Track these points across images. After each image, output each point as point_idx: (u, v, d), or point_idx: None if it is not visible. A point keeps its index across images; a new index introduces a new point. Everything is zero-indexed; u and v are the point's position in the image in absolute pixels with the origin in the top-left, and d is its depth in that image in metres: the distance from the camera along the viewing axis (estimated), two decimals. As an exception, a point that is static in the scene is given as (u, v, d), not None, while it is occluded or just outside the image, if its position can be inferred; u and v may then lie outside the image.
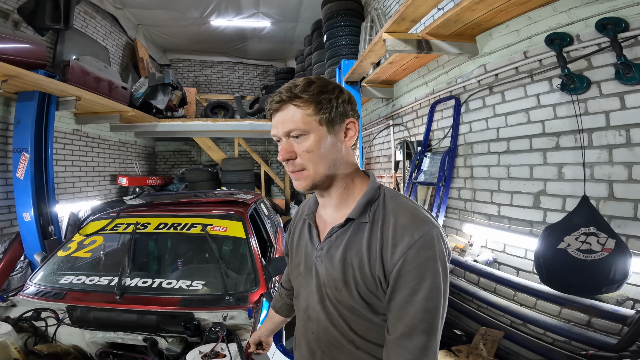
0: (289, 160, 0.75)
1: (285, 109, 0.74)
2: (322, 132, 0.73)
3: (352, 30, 4.47)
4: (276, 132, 0.76)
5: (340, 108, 0.75)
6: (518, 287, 2.01)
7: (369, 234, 0.72)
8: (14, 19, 3.42)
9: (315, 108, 0.73)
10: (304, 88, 0.73)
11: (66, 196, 4.20)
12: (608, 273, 1.47)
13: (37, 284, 1.88)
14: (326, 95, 0.73)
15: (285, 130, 0.74)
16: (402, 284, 0.66)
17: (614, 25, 1.56)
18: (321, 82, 0.75)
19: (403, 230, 0.68)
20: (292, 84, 0.74)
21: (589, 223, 1.53)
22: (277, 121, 0.75)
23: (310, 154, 0.73)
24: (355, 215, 0.75)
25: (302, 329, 0.86)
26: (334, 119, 0.74)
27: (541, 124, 1.96)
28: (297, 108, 0.73)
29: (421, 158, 2.98)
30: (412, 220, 0.69)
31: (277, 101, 0.74)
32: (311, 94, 0.72)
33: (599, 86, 1.68)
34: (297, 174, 0.76)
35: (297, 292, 0.89)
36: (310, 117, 0.72)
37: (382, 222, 0.72)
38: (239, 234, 2.14)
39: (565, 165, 1.84)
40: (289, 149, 0.74)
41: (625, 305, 1.56)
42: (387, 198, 0.76)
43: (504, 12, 2.09)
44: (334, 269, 0.75)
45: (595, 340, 1.59)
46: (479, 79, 2.42)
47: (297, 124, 0.72)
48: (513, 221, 2.16)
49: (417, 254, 0.65)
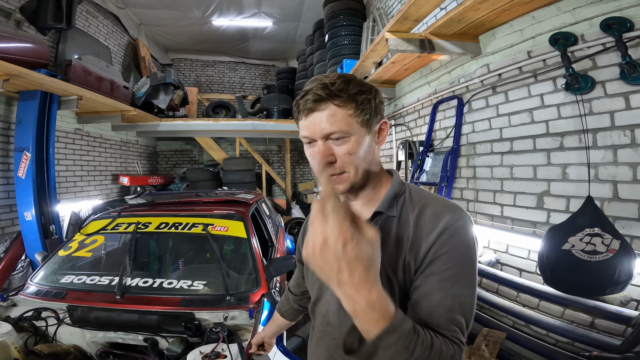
0: (329, 164, 0.69)
1: (324, 108, 0.67)
2: (362, 134, 0.69)
3: (353, 30, 4.46)
4: (311, 133, 0.69)
5: (377, 108, 0.72)
6: (521, 288, 2.00)
7: (398, 228, 0.70)
8: (16, 18, 3.43)
9: (357, 108, 0.68)
10: (344, 86, 0.67)
11: (67, 195, 4.20)
12: (613, 274, 1.46)
13: (38, 283, 1.88)
14: (365, 95, 0.69)
15: (325, 132, 0.67)
16: (433, 269, 0.63)
17: (619, 25, 1.55)
18: (357, 81, 0.71)
19: (436, 217, 0.66)
20: (326, 81, 0.68)
21: (594, 224, 1.52)
22: (314, 121, 0.68)
23: (352, 157, 0.68)
24: (384, 209, 0.72)
25: (320, 334, 0.82)
26: (372, 119, 0.71)
27: (545, 124, 1.95)
28: (338, 108, 0.67)
29: (423, 158, 2.97)
30: (445, 208, 0.68)
31: (315, 99, 0.67)
32: (351, 93, 0.67)
33: (604, 86, 1.66)
34: (336, 177, 0.70)
35: (317, 296, 0.84)
36: (351, 118, 0.67)
37: (412, 212, 0.70)
38: (240, 233, 2.14)
39: (569, 166, 1.82)
40: (328, 151, 0.68)
41: (629, 307, 1.56)
42: (413, 192, 0.75)
43: (507, 12, 2.07)
44: None
45: (598, 342, 1.58)
46: (482, 78, 2.41)
47: (340, 125, 0.67)
48: (516, 222, 2.14)
49: (451, 238, 0.64)
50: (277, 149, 8.23)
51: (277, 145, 8.17)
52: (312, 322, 0.87)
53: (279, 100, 6.17)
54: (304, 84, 0.71)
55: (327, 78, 0.68)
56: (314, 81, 0.69)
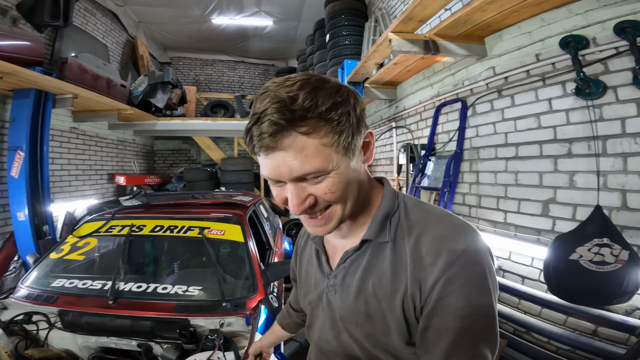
0: (310, 207, 0.55)
1: (288, 143, 0.49)
2: (344, 163, 0.54)
3: (355, 30, 4.41)
4: (277, 175, 0.53)
5: (360, 121, 0.55)
6: (523, 296, 1.97)
7: (393, 256, 0.58)
8: (12, 15, 3.36)
9: (333, 132, 0.50)
10: (309, 101, 0.48)
11: (62, 195, 4.14)
12: (620, 284, 1.43)
13: (29, 286, 1.83)
14: (342, 109, 0.51)
15: (295, 174, 0.51)
16: (443, 308, 0.51)
17: (633, 28, 1.50)
18: (329, 87, 0.51)
19: (440, 242, 0.53)
20: (283, 95, 0.48)
21: (602, 234, 1.48)
22: (279, 162, 0.51)
23: (335, 194, 0.54)
24: (372, 236, 0.60)
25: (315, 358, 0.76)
26: (355, 139, 0.54)
27: (552, 129, 1.90)
28: (307, 137, 0.49)
29: (425, 162, 2.92)
30: (451, 229, 0.55)
31: (272, 133, 0.48)
32: (322, 111, 0.49)
33: (616, 91, 1.62)
34: (322, 217, 0.57)
35: (309, 322, 0.77)
36: (327, 147, 0.50)
37: (408, 237, 0.57)
38: (238, 237, 2.09)
39: (577, 173, 1.77)
40: (303, 195, 0.54)
41: (633, 316, 1.53)
42: (410, 207, 0.61)
43: (516, 14, 2.03)
44: (353, 300, 0.62)
45: (602, 350, 1.56)
46: (487, 81, 2.36)
47: (314, 163, 0.50)
48: (520, 228, 2.10)
49: (463, 270, 0.51)
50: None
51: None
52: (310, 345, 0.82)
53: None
54: (254, 98, 0.54)
55: (283, 88, 0.49)
56: (265, 96, 0.49)
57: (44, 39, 3.75)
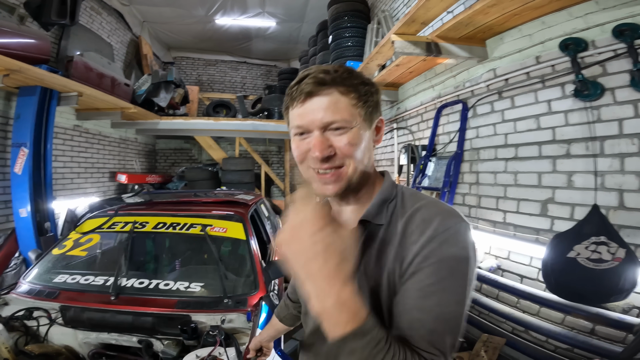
0: (327, 158, 0.61)
1: (326, 94, 0.60)
2: (364, 127, 0.63)
3: (358, 31, 4.44)
4: (307, 122, 0.61)
5: (377, 104, 0.67)
6: (522, 295, 1.99)
7: (384, 237, 0.63)
8: (20, 13, 3.40)
9: (360, 99, 0.62)
10: (347, 75, 0.62)
11: (64, 192, 4.17)
12: (617, 282, 1.46)
13: (31, 282, 1.84)
14: (368, 88, 0.64)
15: (326, 120, 0.60)
16: (415, 282, 0.55)
17: (631, 31, 1.54)
18: (359, 73, 0.65)
19: (426, 222, 0.58)
20: (328, 68, 0.62)
21: (600, 232, 1.51)
22: (312, 109, 0.61)
23: (354, 148, 0.61)
24: (370, 217, 0.64)
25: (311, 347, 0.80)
26: (373, 114, 0.65)
27: (552, 130, 1.93)
28: (342, 95, 0.61)
29: (426, 163, 2.95)
30: (438, 213, 0.59)
31: (317, 82, 0.60)
32: (355, 83, 0.62)
33: (613, 93, 1.65)
34: (334, 174, 0.62)
35: (306, 309, 0.81)
36: (355, 108, 0.62)
37: (401, 218, 0.62)
38: (239, 235, 2.11)
39: (575, 173, 1.80)
40: (327, 143, 0.61)
41: (631, 314, 1.55)
42: (407, 196, 0.66)
43: (517, 16, 2.06)
44: None
45: (599, 348, 1.58)
46: (487, 83, 2.39)
47: (343, 114, 0.60)
48: (519, 228, 2.12)
49: (439, 248, 0.55)
50: (277, 149, 8.22)
51: (276, 146, 8.16)
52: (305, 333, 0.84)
53: (280, 101, 6.16)
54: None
55: (329, 66, 0.63)
56: (310, 68, 0.63)
57: (50, 37, 3.79)
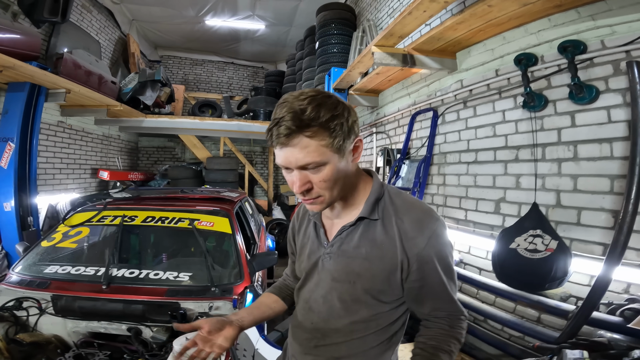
0: (306, 191, 0.75)
1: (296, 142, 0.68)
2: (336, 159, 0.72)
3: (343, 39, 4.61)
4: (287, 164, 0.72)
5: (351, 130, 0.73)
6: (480, 285, 2.18)
7: (383, 229, 0.79)
8: (13, 10, 3.41)
9: (330, 136, 0.69)
10: (314, 114, 0.67)
11: (45, 188, 4.16)
12: (550, 271, 1.64)
13: (21, 273, 1.87)
14: (338, 120, 0.70)
15: (300, 164, 0.70)
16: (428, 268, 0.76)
17: (573, 47, 1.69)
18: (330, 103, 0.70)
19: (419, 223, 0.76)
20: (296, 107, 0.67)
21: (537, 226, 1.72)
22: (288, 155, 0.70)
23: (327, 183, 0.73)
24: (366, 214, 0.80)
25: (301, 318, 0.91)
26: (345, 143, 0.72)
27: (504, 137, 2.14)
28: (310, 139, 0.68)
29: (400, 165, 3.15)
30: (425, 214, 0.78)
31: (286, 134, 0.67)
32: (323, 121, 0.68)
33: (555, 105, 1.84)
34: (313, 200, 0.76)
35: (301, 284, 0.94)
36: (324, 147, 0.69)
37: (395, 217, 0.79)
38: (225, 229, 2.21)
39: (522, 176, 2.02)
40: (304, 180, 0.73)
41: (569, 302, 1.72)
42: (392, 195, 0.83)
43: (482, 32, 2.24)
44: (348, 263, 0.81)
45: (543, 335, 1.73)
46: (455, 93, 2.59)
47: (313, 156, 0.69)
48: (477, 225, 2.34)
49: (437, 241, 0.76)
50: (261, 150, 8.31)
51: (261, 147, 8.24)
52: (296, 307, 0.96)
53: (265, 103, 6.26)
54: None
55: (297, 102, 0.68)
56: (284, 105, 0.69)
57: (40, 34, 3.80)
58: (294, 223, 1.04)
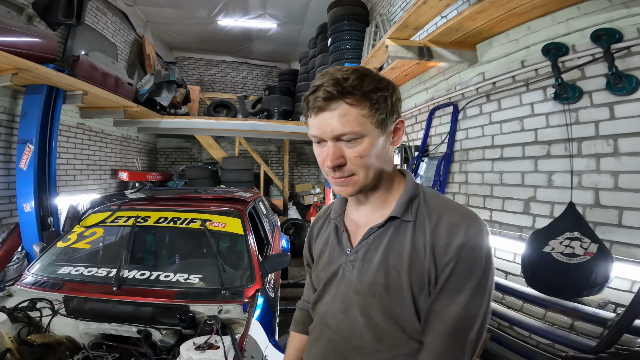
0: (337, 167, 0.65)
1: (335, 107, 0.62)
2: (375, 135, 0.65)
3: (356, 34, 4.53)
4: (320, 133, 0.65)
5: (394, 107, 0.67)
6: (506, 290, 2.06)
7: (414, 233, 0.67)
8: (28, 13, 3.48)
9: (371, 108, 0.63)
10: (358, 82, 0.62)
11: (66, 189, 4.25)
12: (589, 276, 1.52)
13: (35, 274, 1.89)
14: (382, 93, 0.64)
15: (335, 133, 0.63)
16: (452, 282, 0.62)
17: (608, 36, 1.60)
18: (373, 76, 0.65)
19: (456, 227, 0.63)
20: (338, 76, 0.62)
21: (574, 228, 1.58)
22: (324, 122, 0.64)
23: (363, 159, 0.64)
24: (399, 214, 0.69)
25: (317, 335, 0.79)
26: (388, 119, 0.66)
27: (534, 132, 2.02)
28: (350, 107, 0.62)
29: (418, 163, 3.04)
30: (463, 217, 0.64)
31: (325, 97, 0.62)
32: (366, 91, 0.62)
33: (591, 96, 1.73)
34: (344, 180, 0.67)
35: (318, 297, 0.82)
36: (365, 118, 0.63)
37: (429, 220, 0.66)
38: (238, 230, 2.18)
39: (554, 173, 1.89)
40: (338, 154, 0.65)
41: (607, 309, 1.61)
42: (428, 196, 0.71)
43: (504, 22, 2.14)
44: (373, 273, 0.68)
45: (576, 343, 1.62)
46: (477, 86, 2.48)
47: (352, 126, 0.62)
48: (504, 226, 2.21)
49: (471, 252, 0.61)
50: (276, 149, 8.30)
51: (276, 146, 8.24)
52: (314, 322, 0.84)
53: (279, 102, 6.24)
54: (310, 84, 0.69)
55: (339, 72, 0.63)
56: (324, 75, 0.64)
57: (57, 36, 3.88)
58: (312, 231, 0.93)
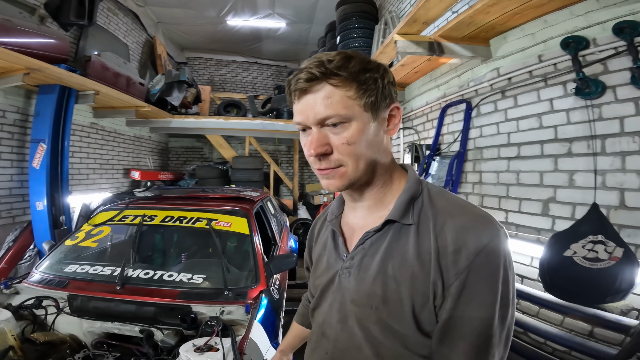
0: (323, 156, 0.59)
1: (318, 89, 0.57)
2: (365, 119, 0.58)
3: (365, 32, 4.47)
4: (303, 119, 0.59)
5: (386, 90, 0.60)
6: (521, 295, 1.97)
7: (417, 239, 0.59)
8: (40, 14, 3.54)
9: (358, 89, 0.57)
10: (342, 63, 0.57)
11: (79, 187, 4.32)
12: (613, 282, 1.43)
13: (42, 272, 1.90)
14: (370, 74, 0.58)
15: (319, 117, 0.57)
16: (467, 297, 0.53)
17: (631, 28, 1.52)
18: (361, 58, 0.59)
19: (467, 232, 0.55)
20: (323, 58, 0.57)
21: (598, 231, 1.48)
22: (307, 105, 0.58)
23: (351, 147, 0.58)
24: (397, 217, 0.61)
25: (314, 345, 0.74)
26: (379, 103, 0.60)
27: (553, 129, 1.91)
28: (335, 88, 0.57)
29: (429, 162, 2.95)
30: (476, 220, 0.56)
31: (307, 79, 0.57)
32: (352, 72, 0.57)
33: (614, 91, 1.63)
34: (331, 171, 0.60)
35: (315, 304, 0.76)
36: (352, 100, 0.57)
37: (434, 223, 0.58)
38: (243, 230, 2.15)
39: (576, 172, 1.78)
40: (323, 141, 0.58)
41: (629, 316, 1.52)
42: (433, 194, 0.63)
43: (519, 15, 2.05)
44: (370, 283, 0.61)
45: (595, 351, 1.54)
46: (491, 82, 2.38)
47: (336, 108, 0.56)
48: (520, 228, 2.10)
49: (487, 261, 0.53)
50: (286, 149, 8.29)
51: (286, 146, 8.23)
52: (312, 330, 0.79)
53: (289, 101, 6.22)
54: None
55: (325, 55, 0.58)
56: (310, 59, 0.60)
57: (69, 37, 3.95)
58: (312, 234, 0.87)
